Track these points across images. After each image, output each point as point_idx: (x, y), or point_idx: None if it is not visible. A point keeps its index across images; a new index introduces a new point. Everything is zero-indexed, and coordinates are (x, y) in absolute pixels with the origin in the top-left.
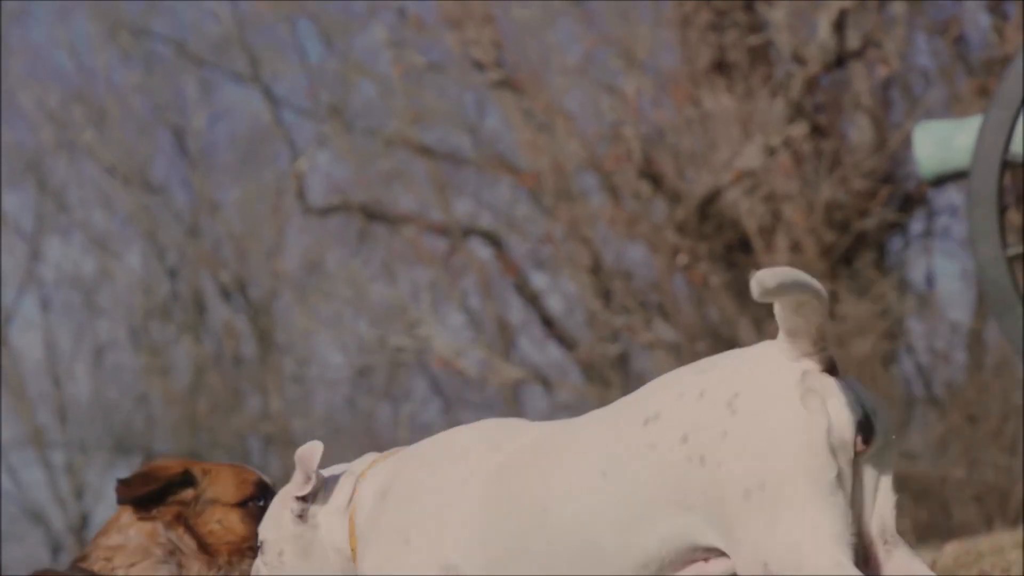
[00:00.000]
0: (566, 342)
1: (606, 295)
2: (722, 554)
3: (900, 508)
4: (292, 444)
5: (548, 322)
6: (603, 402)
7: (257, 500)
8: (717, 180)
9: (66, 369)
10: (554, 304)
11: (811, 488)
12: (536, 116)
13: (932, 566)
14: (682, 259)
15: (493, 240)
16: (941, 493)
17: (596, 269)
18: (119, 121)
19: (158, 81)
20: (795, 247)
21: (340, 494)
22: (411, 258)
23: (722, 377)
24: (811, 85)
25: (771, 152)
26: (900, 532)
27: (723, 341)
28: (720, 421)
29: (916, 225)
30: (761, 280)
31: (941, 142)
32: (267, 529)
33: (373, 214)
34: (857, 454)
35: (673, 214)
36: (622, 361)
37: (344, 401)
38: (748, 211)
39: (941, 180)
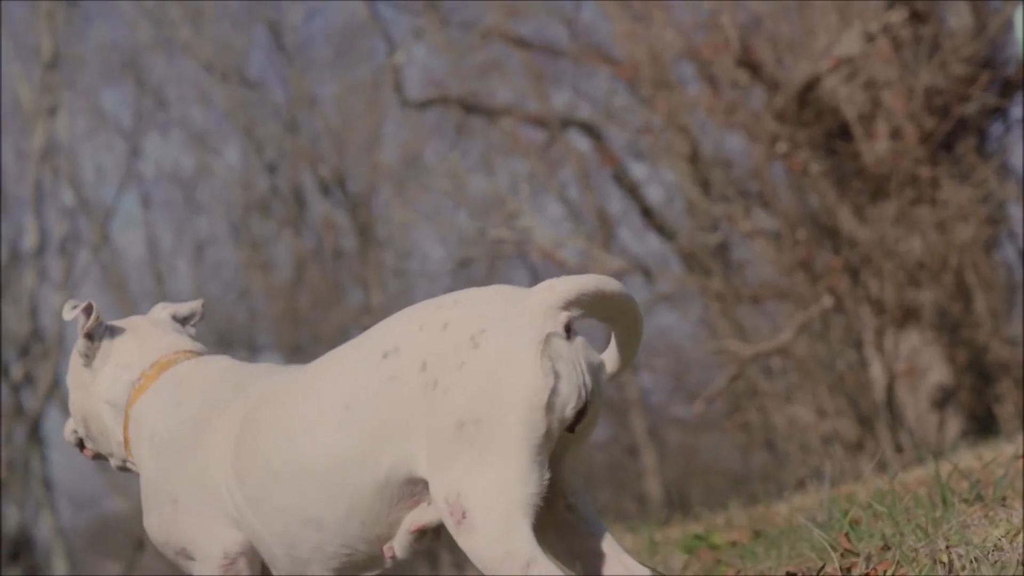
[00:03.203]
0: (666, 232)
1: (705, 184)
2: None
3: (586, 476)
4: None
5: (647, 212)
6: (703, 291)
7: None
8: (816, 67)
9: (168, 265)
10: (653, 194)
11: (522, 442)
12: (633, 6)
13: None
14: (781, 147)
15: (591, 131)
16: None
17: (695, 158)
18: (215, 18)
19: None
20: (895, 133)
21: (125, 355)
22: (509, 150)
23: (469, 313)
24: None
25: (870, 38)
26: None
27: (823, 229)
28: (460, 352)
29: (1016, 110)
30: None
31: None
32: (68, 376)
33: (471, 106)
34: (566, 429)
35: (772, 102)
36: (722, 250)
37: (444, 293)
38: (847, 98)
39: None
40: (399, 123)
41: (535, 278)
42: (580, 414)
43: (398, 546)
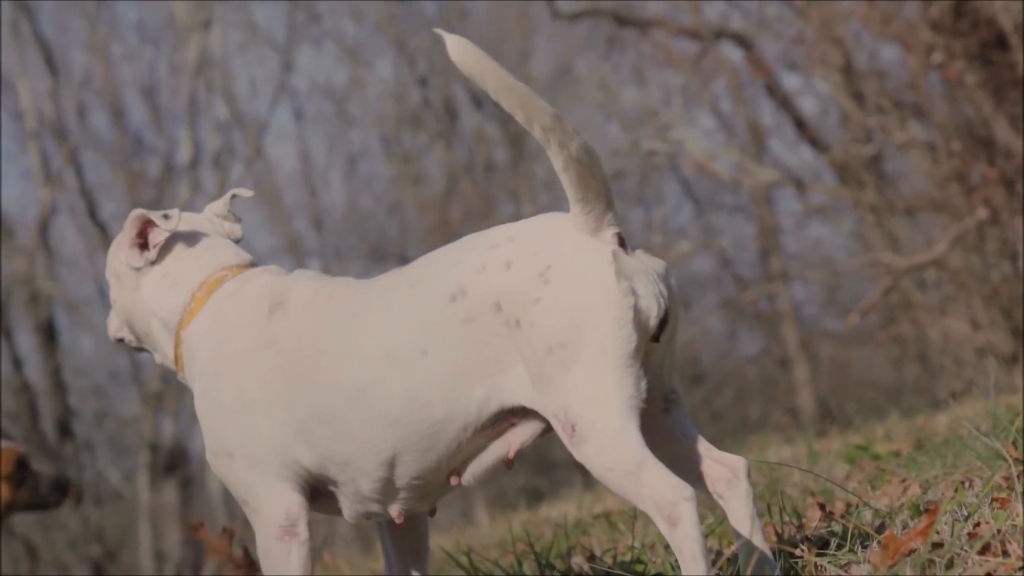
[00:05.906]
0: (819, 143)
1: (859, 95)
2: (528, 417)
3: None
4: None
5: (800, 124)
6: (857, 204)
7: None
8: None
9: (321, 178)
10: (806, 105)
11: (615, 359)
12: None
13: None
14: (937, 57)
15: (744, 42)
16: None
17: (849, 69)
18: None
19: None
20: None
21: (173, 267)
22: (661, 62)
23: (527, 249)
24: None
25: None
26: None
27: (979, 139)
28: (533, 289)
29: None
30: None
31: None
32: (107, 268)
33: (623, 19)
34: (651, 339)
35: (927, 11)
36: (876, 162)
37: None
38: (1003, 7)
39: None
40: (550, 35)
41: (687, 190)
42: (662, 323)
43: (470, 473)
